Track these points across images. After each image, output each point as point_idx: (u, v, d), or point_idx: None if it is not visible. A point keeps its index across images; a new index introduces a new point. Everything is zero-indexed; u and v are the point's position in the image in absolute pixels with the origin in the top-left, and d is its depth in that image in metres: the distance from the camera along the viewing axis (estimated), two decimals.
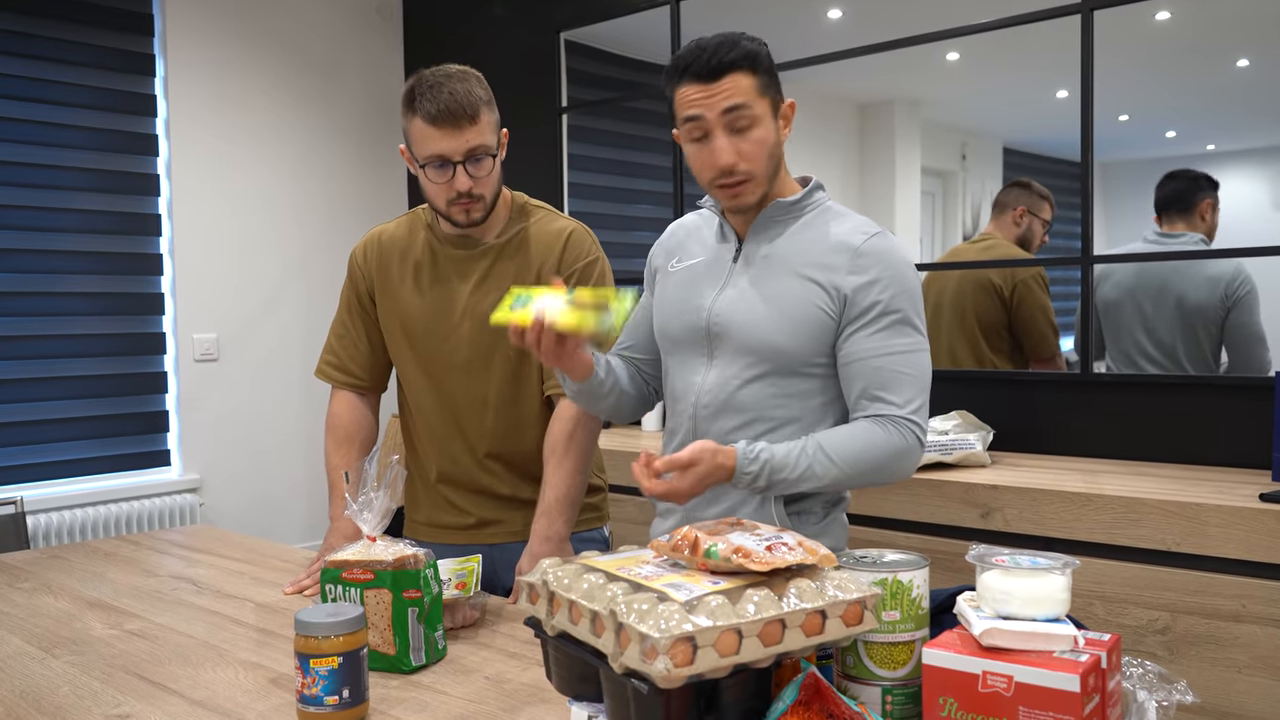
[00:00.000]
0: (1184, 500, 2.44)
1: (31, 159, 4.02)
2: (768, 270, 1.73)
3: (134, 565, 2.23)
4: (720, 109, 1.64)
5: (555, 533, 1.99)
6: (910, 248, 3.54)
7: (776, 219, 1.75)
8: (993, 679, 1.02)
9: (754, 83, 1.66)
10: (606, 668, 1.08)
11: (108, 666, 1.58)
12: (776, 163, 1.72)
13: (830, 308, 1.67)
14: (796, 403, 1.71)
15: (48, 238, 4.06)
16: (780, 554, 1.11)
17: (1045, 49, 3.19)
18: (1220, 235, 2.91)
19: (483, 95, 1.93)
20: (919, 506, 2.85)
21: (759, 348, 1.70)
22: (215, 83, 4.51)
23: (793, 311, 1.68)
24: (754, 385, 1.71)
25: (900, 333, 1.66)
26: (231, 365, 4.58)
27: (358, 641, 1.34)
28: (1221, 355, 2.92)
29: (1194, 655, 2.42)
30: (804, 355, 1.69)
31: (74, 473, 4.15)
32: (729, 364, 1.73)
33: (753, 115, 1.65)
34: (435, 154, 1.91)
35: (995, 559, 1.12)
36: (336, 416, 2.19)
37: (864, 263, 1.67)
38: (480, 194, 1.96)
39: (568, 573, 1.18)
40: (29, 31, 4.00)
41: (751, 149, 1.66)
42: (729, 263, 1.77)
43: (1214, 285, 2.92)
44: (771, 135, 1.68)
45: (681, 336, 1.79)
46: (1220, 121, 2.91)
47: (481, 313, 2.05)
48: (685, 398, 1.79)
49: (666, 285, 1.85)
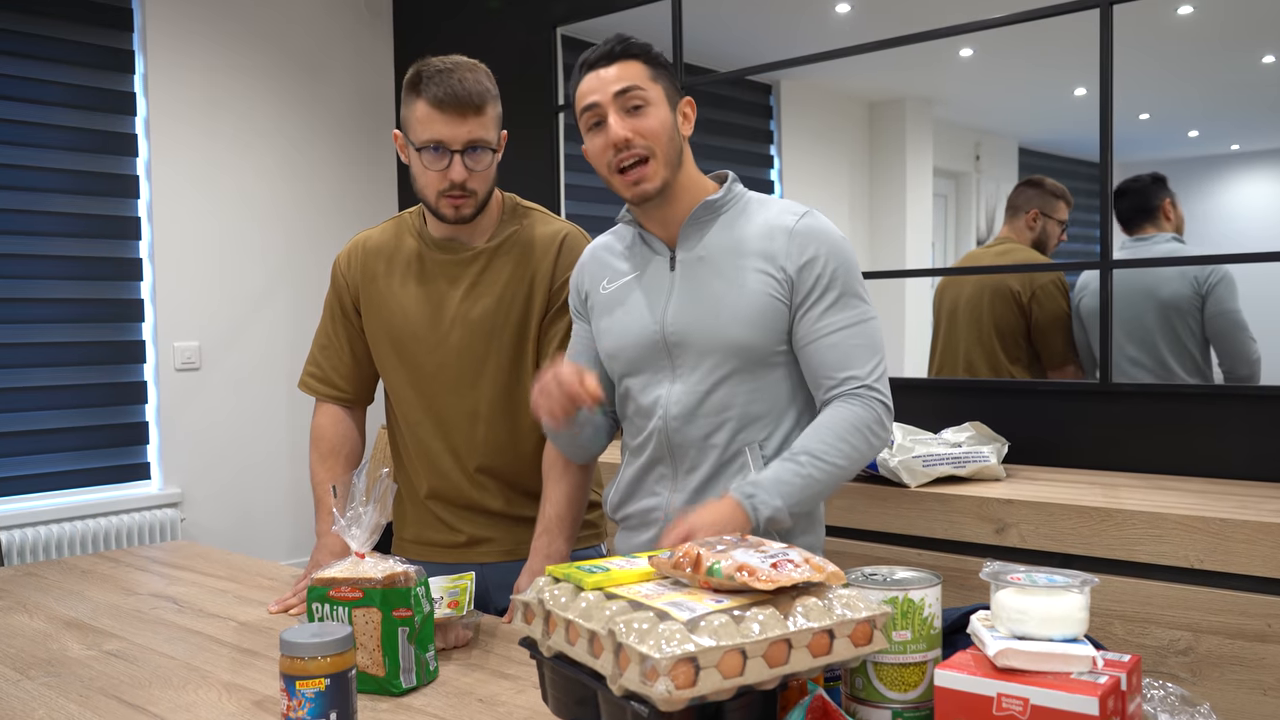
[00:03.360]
0: (1208, 515, 2.44)
1: (3, 159, 4.02)
2: (708, 270, 1.77)
3: (112, 583, 2.23)
4: (613, 91, 1.75)
5: (556, 551, 1.98)
6: (922, 252, 3.55)
7: (703, 219, 1.81)
8: (1008, 702, 1.02)
9: (646, 70, 1.77)
10: (605, 690, 1.08)
11: (85, 688, 1.58)
12: (678, 152, 1.78)
13: (780, 293, 1.74)
14: (765, 394, 1.78)
15: (21, 241, 4.06)
16: (786, 571, 1.11)
17: (1063, 45, 3.19)
18: (1241, 238, 2.92)
19: (490, 89, 1.95)
20: (931, 521, 2.85)
21: (722, 348, 1.75)
22: (197, 80, 4.52)
23: (747, 304, 1.74)
24: (723, 387, 1.76)
25: (847, 305, 1.75)
26: (214, 374, 4.58)
27: (346, 662, 1.34)
28: (1211, 355, 2.97)
29: (1218, 677, 2.42)
30: (767, 345, 1.75)
31: (50, 487, 4.15)
32: (693, 371, 1.78)
33: (645, 97, 1.75)
34: (434, 139, 1.91)
35: (1010, 576, 1.12)
36: (320, 430, 2.19)
37: (802, 241, 1.75)
38: (473, 189, 1.96)
39: (564, 591, 1.19)
40: (0, 26, 4.01)
41: (647, 126, 1.74)
42: (667, 272, 1.81)
43: (1184, 277, 2.99)
44: (669, 121, 1.77)
45: (639, 356, 1.83)
46: (1245, 120, 2.92)
47: (472, 320, 2.05)
48: (651, 413, 1.82)
49: (605, 310, 1.88)
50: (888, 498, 2.93)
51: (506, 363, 2.06)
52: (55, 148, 4.15)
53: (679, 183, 1.79)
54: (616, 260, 1.89)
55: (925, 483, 2.93)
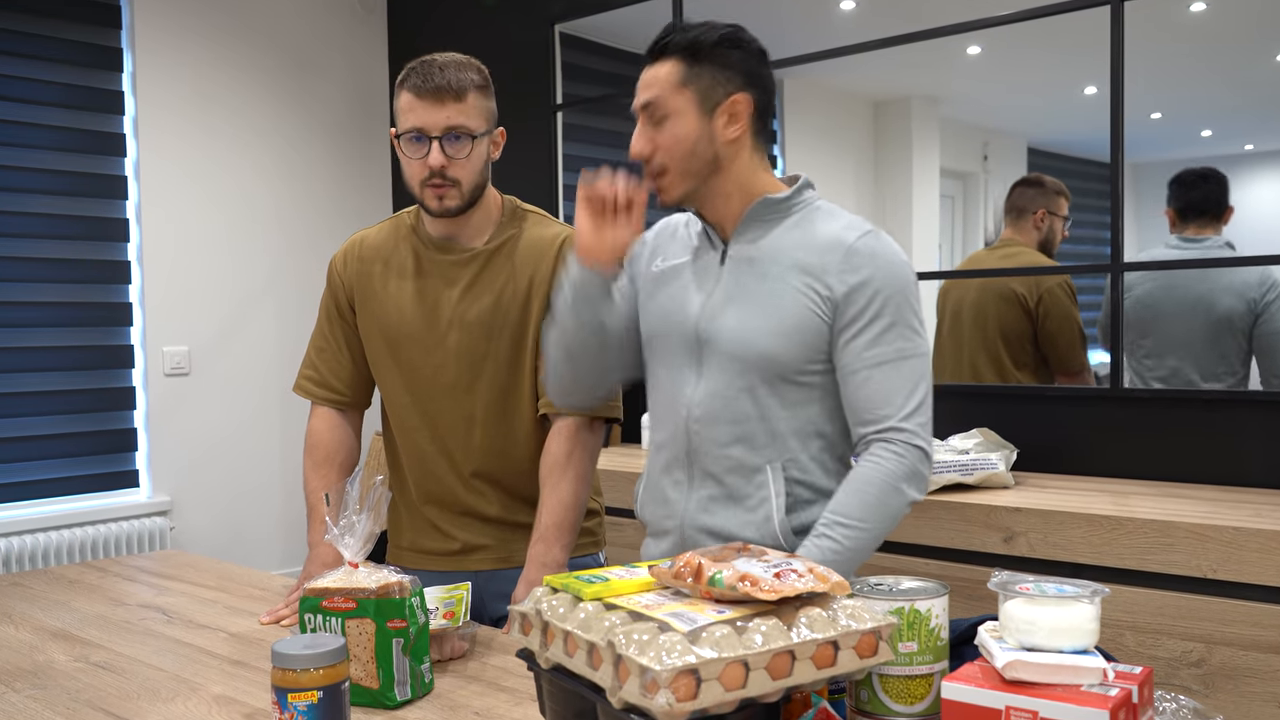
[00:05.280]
0: (1220, 524, 2.44)
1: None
2: (755, 272, 1.76)
3: (100, 593, 2.23)
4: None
5: (553, 559, 1.99)
6: (929, 254, 3.55)
7: (763, 218, 1.78)
8: (1016, 715, 1.02)
9: (681, 67, 1.74)
10: (605, 703, 1.08)
11: (72, 701, 1.58)
12: (705, 162, 1.75)
13: (822, 310, 1.71)
14: (793, 412, 1.75)
15: (6, 243, 4.06)
16: (789, 581, 1.11)
17: (1072, 42, 3.20)
18: (1258, 239, 2.92)
19: (475, 79, 1.97)
20: (937, 530, 2.85)
21: (748, 355, 1.73)
22: (187, 79, 4.52)
23: (784, 316, 1.71)
24: (748, 396, 1.75)
25: (896, 336, 1.70)
26: (204, 380, 4.58)
27: (339, 674, 1.34)
28: (1252, 366, 2.94)
29: (1231, 689, 2.42)
30: (796, 362, 1.72)
31: (36, 494, 4.15)
32: (719, 374, 1.76)
33: (669, 107, 1.74)
34: (413, 126, 1.95)
35: (1019, 586, 1.12)
36: (316, 435, 2.20)
37: (857, 262, 1.70)
38: (455, 178, 1.97)
39: (563, 601, 1.19)
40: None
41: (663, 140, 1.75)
42: (716, 266, 1.80)
43: (1243, 292, 2.94)
44: (689, 133, 1.74)
45: (669, 343, 1.83)
46: (1259, 120, 2.92)
47: (469, 321, 2.05)
48: (675, 410, 1.82)
49: (651, 290, 1.89)
50: None
51: (504, 366, 2.06)
52: (41, 148, 4.15)
53: (716, 186, 1.77)
54: (676, 243, 1.90)
55: (932, 491, 2.93)
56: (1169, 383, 3.06)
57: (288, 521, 4.82)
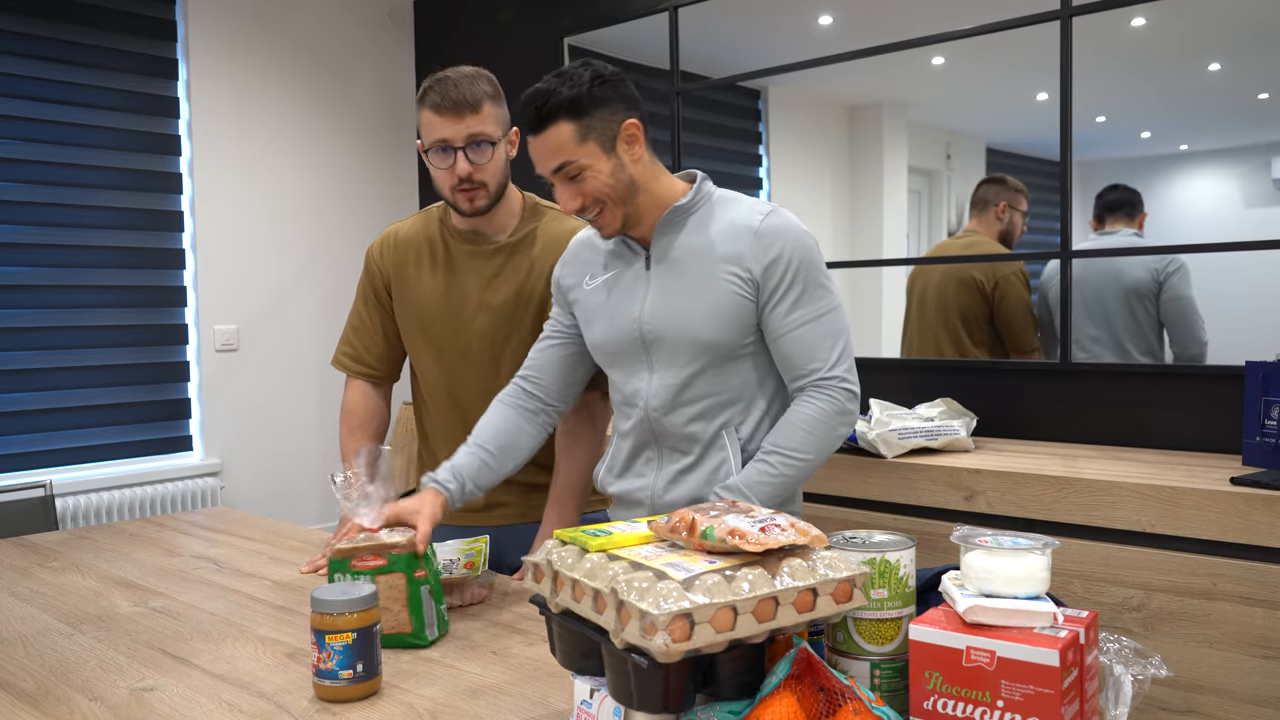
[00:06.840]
0: (1159, 484, 2.44)
1: (60, 158, 4.01)
2: (680, 271, 1.74)
3: (157, 545, 2.23)
4: (549, 169, 1.71)
5: (566, 520, 1.99)
6: (898, 243, 3.54)
7: (675, 221, 1.77)
8: (976, 654, 1.02)
9: (573, 131, 1.68)
10: (608, 643, 1.07)
11: (132, 641, 1.58)
12: (627, 187, 1.72)
13: (746, 291, 1.71)
14: (736, 382, 1.76)
15: (75, 233, 4.06)
16: (774, 535, 1.10)
17: (1026, 53, 3.18)
18: (1189, 230, 2.91)
19: (488, 90, 1.95)
20: (906, 490, 2.84)
21: (694, 344, 1.72)
22: (235, 86, 4.50)
23: (716, 304, 1.71)
24: (697, 379, 1.75)
25: (811, 298, 1.71)
26: (251, 355, 4.57)
27: (371, 618, 1.34)
28: (1164, 337, 2.97)
29: (1168, 631, 2.42)
30: (734, 342, 1.73)
31: (100, 457, 4.15)
32: (669, 365, 1.76)
33: (579, 165, 1.69)
34: (438, 139, 1.93)
35: (978, 540, 1.12)
36: (352, 404, 2.19)
37: (766, 241, 1.70)
38: (481, 181, 1.96)
39: (571, 552, 1.18)
40: (56, 37, 3.99)
41: (588, 190, 1.70)
42: (644, 271, 1.79)
43: (1145, 266, 2.99)
44: (607, 172, 1.70)
45: (619, 349, 1.81)
46: (1193, 122, 2.90)
47: (494, 306, 2.05)
48: (634, 402, 1.81)
49: (589, 305, 1.85)
50: (866, 468, 2.93)
51: (525, 345, 2.06)
52: (105, 148, 4.13)
53: (641, 204, 1.74)
54: (599, 258, 1.86)
55: (900, 454, 2.93)
56: (1091, 353, 3.07)
57: (325, 481, 4.82)
